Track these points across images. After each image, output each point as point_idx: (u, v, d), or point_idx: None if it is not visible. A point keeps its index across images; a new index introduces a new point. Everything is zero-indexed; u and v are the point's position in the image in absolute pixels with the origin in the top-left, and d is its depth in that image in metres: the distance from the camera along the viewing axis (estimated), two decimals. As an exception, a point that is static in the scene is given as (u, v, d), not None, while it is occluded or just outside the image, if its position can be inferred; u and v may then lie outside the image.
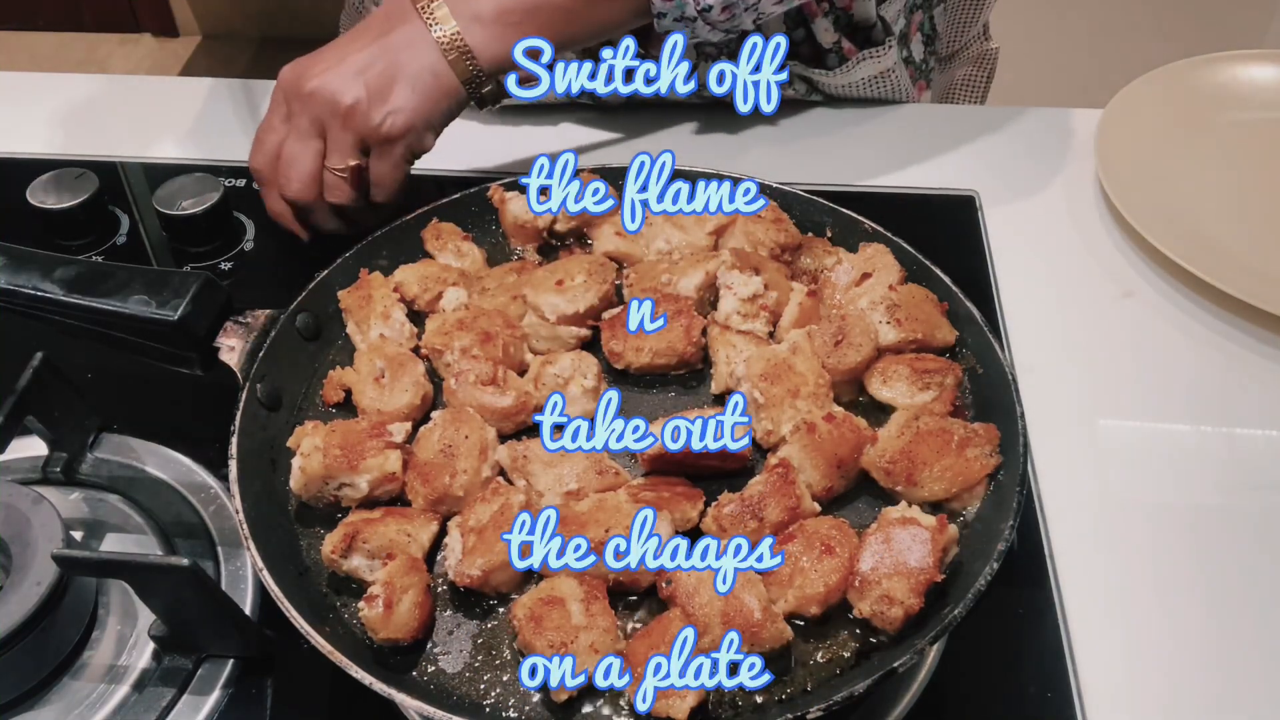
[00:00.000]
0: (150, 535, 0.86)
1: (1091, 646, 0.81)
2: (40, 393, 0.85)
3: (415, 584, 0.71)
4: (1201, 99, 1.24)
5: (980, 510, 0.76)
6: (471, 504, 0.76)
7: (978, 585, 0.68)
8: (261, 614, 0.81)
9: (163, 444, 0.92)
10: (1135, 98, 1.22)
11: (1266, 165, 1.19)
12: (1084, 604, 0.83)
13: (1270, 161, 1.19)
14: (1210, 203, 1.13)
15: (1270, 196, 1.16)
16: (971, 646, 0.80)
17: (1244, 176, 1.17)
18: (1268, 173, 1.18)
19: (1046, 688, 0.79)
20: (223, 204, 1.13)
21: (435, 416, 0.81)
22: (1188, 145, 1.19)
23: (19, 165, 1.22)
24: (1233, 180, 1.17)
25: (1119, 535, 0.88)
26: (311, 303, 0.90)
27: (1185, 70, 1.26)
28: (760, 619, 0.68)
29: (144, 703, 0.76)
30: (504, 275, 0.93)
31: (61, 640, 0.77)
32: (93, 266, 0.84)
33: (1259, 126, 1.22)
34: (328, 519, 0.79)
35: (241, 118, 1.32)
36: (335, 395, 0.87)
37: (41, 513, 0.77)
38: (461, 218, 0.99)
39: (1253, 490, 0.91)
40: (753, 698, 0.69)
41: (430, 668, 0.71)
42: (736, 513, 0.74)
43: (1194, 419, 0.97)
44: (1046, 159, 1.23)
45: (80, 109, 1.34)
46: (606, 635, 0.68)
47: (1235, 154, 1.19)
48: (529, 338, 0.88)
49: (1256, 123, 1.22)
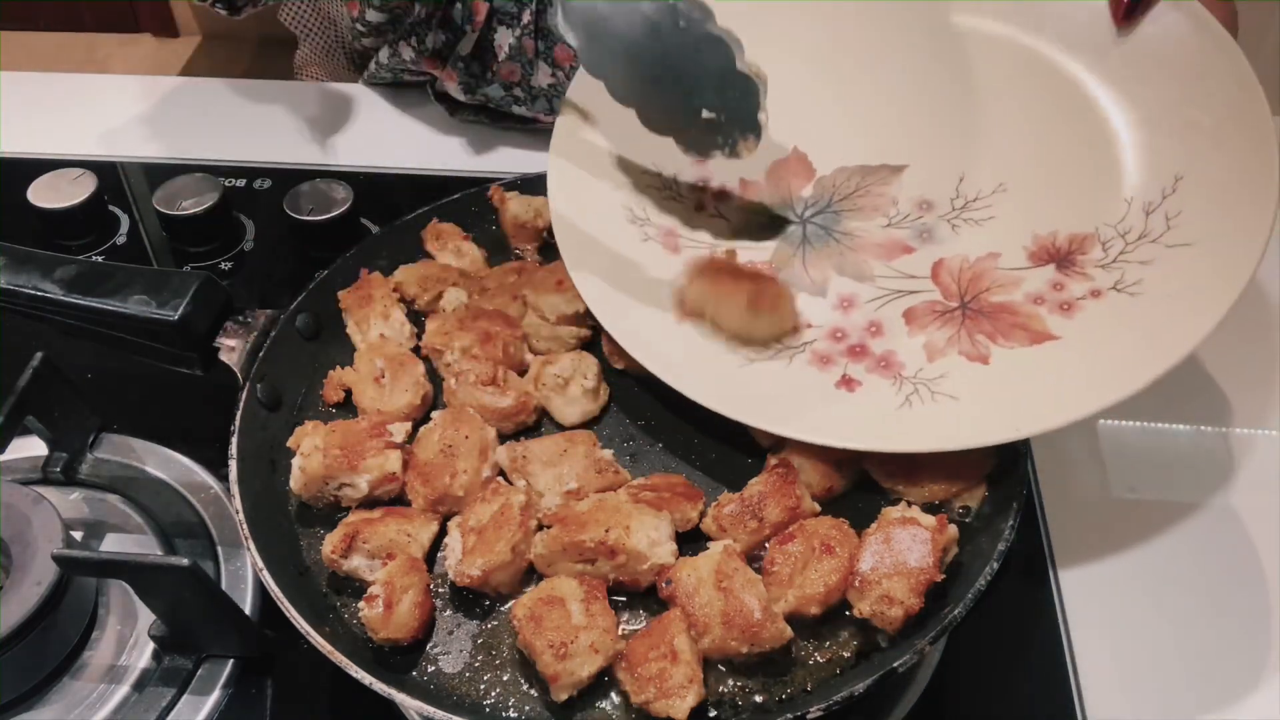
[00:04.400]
0: (150, 535, 0.86)
1: (1091, 646, 0.81)
2: (40, 393, 0.85)
3: (415, 584, 0.71)
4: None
5: (980, 510, 0.76)
6: (471, 504, 0.76)
7: (978, 585, 0.68)
8: (261, 614, 0.81)
9: (163, 444, 0.92)
10: None
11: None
12: (1084, 604, 0.83)
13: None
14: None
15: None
16: (971, 646, 0.80)
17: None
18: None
19: (1046, 688, 0.79)
20: (223, 204, 1.13)
21: (435, 416, 0.81)
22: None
23: (19, 165, 1.22)
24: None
25: (1119, 535, 0.88)
26: (311, 303, 0.90)
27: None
28: (760, 619, 0.68)
29: (144, 703, 0.76)
30: (504, 275, 0.93)
31: (61, 640, 0.77)
32: (93, 266, 0.84)
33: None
34: (328, 519, 0.79)
35: (241, 118, 1.32)
36: (335, 395, 0.87)
37: (41, 513, 0.77)
38: (461, 218, 0.99)
39: (1253, 490, 0.91)
40: (752, 697, 0.68)
41: (430, 668, 0.71)
42: (736, 513, 0.74)
43: (1194, 419, 0.97)
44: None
45: (80, 109, 1.34)
46: (606, 635, 0.68)
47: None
48: (529, 338, 0.88)
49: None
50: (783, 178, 0.91)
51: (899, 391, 0.76)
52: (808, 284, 0.85)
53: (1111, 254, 0.78)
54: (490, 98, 1.23)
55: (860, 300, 0.83)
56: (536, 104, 1.21)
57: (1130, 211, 0.79)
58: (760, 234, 0.89)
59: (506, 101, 1.23)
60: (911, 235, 0.86)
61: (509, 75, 1.19)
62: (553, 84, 1.19)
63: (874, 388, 0.77)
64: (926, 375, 0.77)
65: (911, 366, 0.78)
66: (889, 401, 0.76)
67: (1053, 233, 0.81)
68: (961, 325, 0.79)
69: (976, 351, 0.77)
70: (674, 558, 0.72)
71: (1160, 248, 0.77)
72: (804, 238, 0.88)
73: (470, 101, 1.23)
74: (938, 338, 0.79)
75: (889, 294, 0.83)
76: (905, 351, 0.79)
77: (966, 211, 0.85)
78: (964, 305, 0.80)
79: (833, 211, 0.88)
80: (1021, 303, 0.79)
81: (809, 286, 0.85)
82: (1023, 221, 0.83)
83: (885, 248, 0.85)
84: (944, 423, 0.73)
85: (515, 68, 1.18)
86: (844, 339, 0.81)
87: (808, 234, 0.88)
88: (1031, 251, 0.81)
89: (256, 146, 1.26)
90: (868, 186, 0.89)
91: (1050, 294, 0.78)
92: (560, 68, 1.18)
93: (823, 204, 0.89)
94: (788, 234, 0.88)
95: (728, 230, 0.89)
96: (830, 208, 0.89)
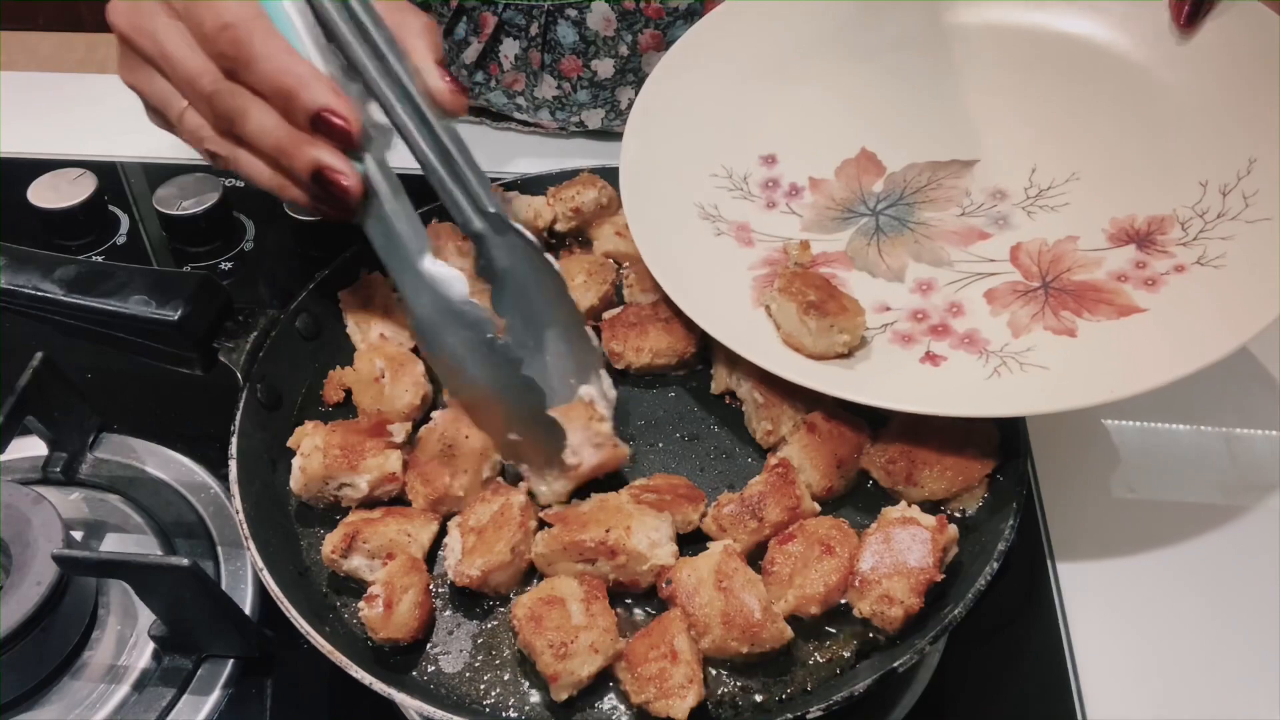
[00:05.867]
0: (150, 535, 0.85)
1: (1091, 646, 0.81)
2: (40, 393, 0.85)
3: (415, 584, 0.71)
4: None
5: (980, 510, 0.76)
6: (471, 504, 0.76)
7: (978, 585, 0.68)
8: (261, 614, 0.81)
9: (163, 444, 0.92)
10: None
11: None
12: (1084, 604, 0.83)
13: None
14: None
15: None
16: (971, 646, 0.80)
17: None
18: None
19: (1046, 688, 0.78)
20: (223, 204, 1.13)
21: (435, 416, 0.81)
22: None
23: (19, 165, 1.22)
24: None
25: (1119, 535, 0.88)
26: (311, 303, 0.90)
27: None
28: (760, 619, 0.68)
29: (144, 703, 0.76)
30: (504, 275, 0.93)
31: (61, 640, 0.77)
32: (93, 266, 0.84)
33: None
34: (328, 519, 0.79)
35: (241, 118, 1.32)
36: (335, 395, 0.87)
37: (41, 513, 0.77)
38: (462, 218, 0.99)
39: (1253, 490, 0.91)
40: (752, 697, 0.68)
41: (430, 668, 0.71)
42: (736, 513, 0.74)
43: (1194, 419, 0.97)
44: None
45: (80, 109, 1.34)
46: (606, 635, 0.68)
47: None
48: (529, 338, 0.88)
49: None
50: (853, 175, 0.92)
51: (986, 364, 0.77)
52: (884, 270, 0.86)
53: (1192, 232, 0.80)
54: (492, 103, 1.23)
55: (939, 284, 0.84)
56: (539, 112, 1.21)
57: (1207, 193, 0.81)
58: (833, 228, 0.90)
59: (509, 108, 1.23)
60: (987, 222, 0.87)
61: (512, 84, 1.19)
62: (557, 95, 1.19)
63: (960, 362, 0.78)
64: (1013, 349, 0.77)
65: (997, 342, 0.78)
66: (977, 373, 0.76)
67: (1130, 216, 0.83)
68: (1045, 303, 0.80)
69: (1062, 326, 0.78)
70: (674, 559, 0.72)
71: (1240, 224, 0.78)
72: (877, 228, 0.89)
73: (471, 105, 1.23)
74: (1021, 315, 0.80)
75: (968, 276, 0.84)
76: (989, 329, 0.80)
77: (1041, 199, 0.87)
78: (1046, 285, 0.81)
79: (905, 203, 0.90)
80: (1105, 280, 0.80)
81: (885, 273, 0.86)
82: (1099, 206, 0.84)
83: (961, 235, 0.87)
84: (1036, 389, 0.74)
85: (520, 77, 1.18)
86: (925, 319, 0.82)
87: (881, 224, 0.89)
88: (1110, 234, 0.83)
89: (256, 146, 1.26)
90: (939, 180, 0.90)
91: (1134, 271, 0.79)
92: (566, 79, 1.18)
93: (894, 197, 0.90)
94: (861, 225, 0.89)
95: (799, 225, 0.91)
96: (903, 200, 0.90)
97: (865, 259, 0.87)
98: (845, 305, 0.78)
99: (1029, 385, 0.74)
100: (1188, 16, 0.85)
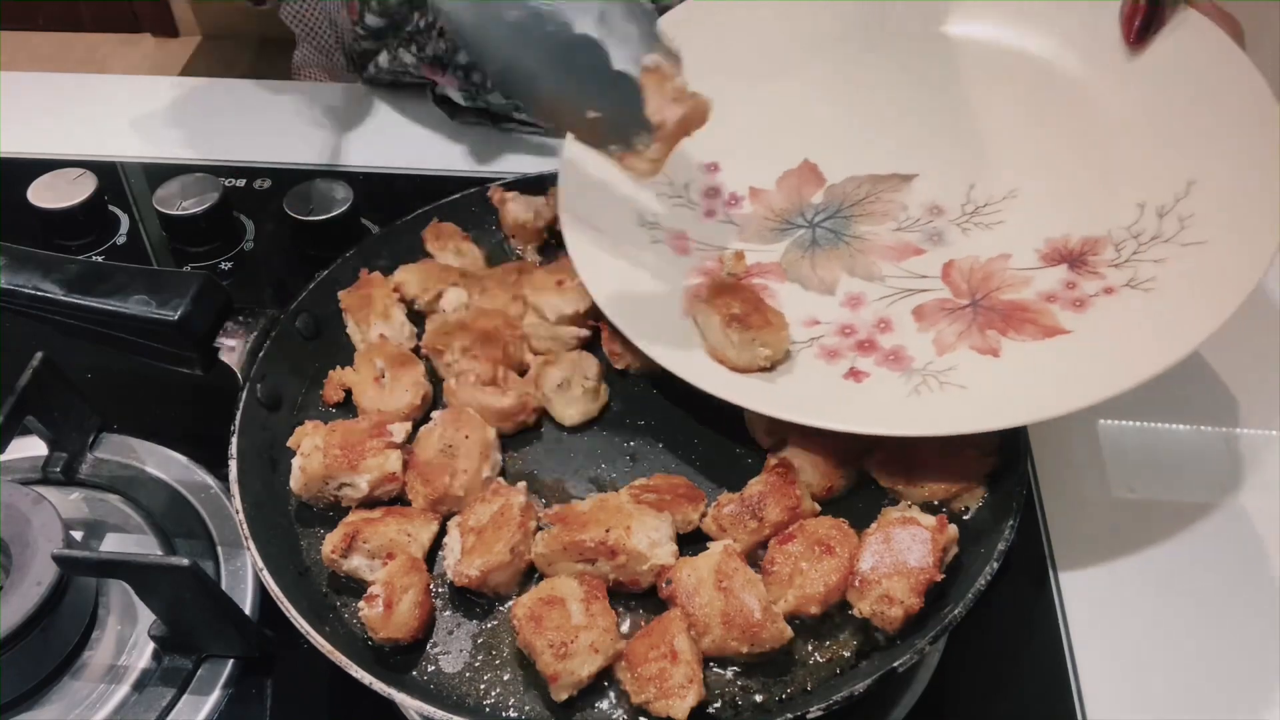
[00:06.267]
0: (150, 535, 0.86)
1: (1091, 646, 0.81)
2: (40, 393, 0.85)
3: (415, 584, 0.71)
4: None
5: (980, 510, 0.76)
6: (471, 504, 0.76)
7: (978, 585, 0.68)
8: (261, 614, 0.81)
9: (163, 444, 0.92)
10: None
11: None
12: (1084, 604, 0.83)
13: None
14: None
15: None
16: (971, 646, 0.80)
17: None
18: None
19: (1046, 688, 0.78)
20: (223, 204, 1.13)
21: (435, 416, 0.81)
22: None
23: (19, 165, 1.22)
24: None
25: (1119, 535, 0.88)
26: (311, 303, 0.90)
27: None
28: (760, 619, 0.68)
29: (144, 703, 0.76)
30: (504, 275, 0.93)
31: (61, 640, 0.77)
32: (93, 266, 0.84)
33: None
34: (328, 519, 0.79)
35: (241, 118, 1.32)
36: (335, 395, 0.87)
37: (41, 513, 0.77)
38: (461, 218, 0.99)
39: (1254, 490, 0.91)
40: (752, 697, 0.68)
41: (430, 667, 0.71)
42: (736, 513, 0.74)
43: (1195, 419, 0.97)
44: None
45: (80, 109, 1.34)
46: (606, 635, 0.68)
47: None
48: (529, 338, 0.88)
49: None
50: (793, 186, 0.92)
51: (907, 382, 0.76)
52: (816, 284, 0.85)
53: (1125, 254, 0.79)
54: (491, 104, 1.23)
55: (869, 299, 0.83)
56: None
57: (1144, 215, 0.80)
58: (770, 239, 0.89)
59: (507, 107, 1.22)
60: (922, 238, 0.86)
61: None
62: None
63: (882, 379, 0.77)
64: (936, 368, 0.77)
65: (921, 360, 0.78)
66: (897, 391, 0.76)
67: (1065, 235, 0.82)
68: (972, 321, 0.79)
69: (986, 345, 0.77)
70: (674, 559, 0.72)
71: (1174, 246, 0.77)
72: (813, 240, 0.88)
73: (471, 106, 1.23)
74: (948, 333, 0.79)
75: (898, 292, 0.83)
76: (914, 346, 0.79)
77: (977, 216, 0.85)
78: (975, 303, 0.80)
79: (843, 216, 0.89)
80: (1033, 300, 0.79)
81: (817, 286, 0.85)
82: (1034, 226, 0.83)
83: (895, 250, 0.86)
84: (951, 410, 0.73)
85: None
86: (852, 334, 0.81)
87: (817, 237, 0.88)
88: (1043, 253, 0.81)
89: (256, 146, 1.26)
90: (878, 194, 0.89)
91: (1063, 292, 0.78)
92: None
93: (833, 209, 0.89)
94: (797, 237, 0.89)
95: (737, 235, 0.90)
96: (840, 213, 0.89)
97: (798, 271, 0.86)
98: (769, 319, 0.78)
99: (945, 405, 0.74)
100: (1138, 34, 0.83)
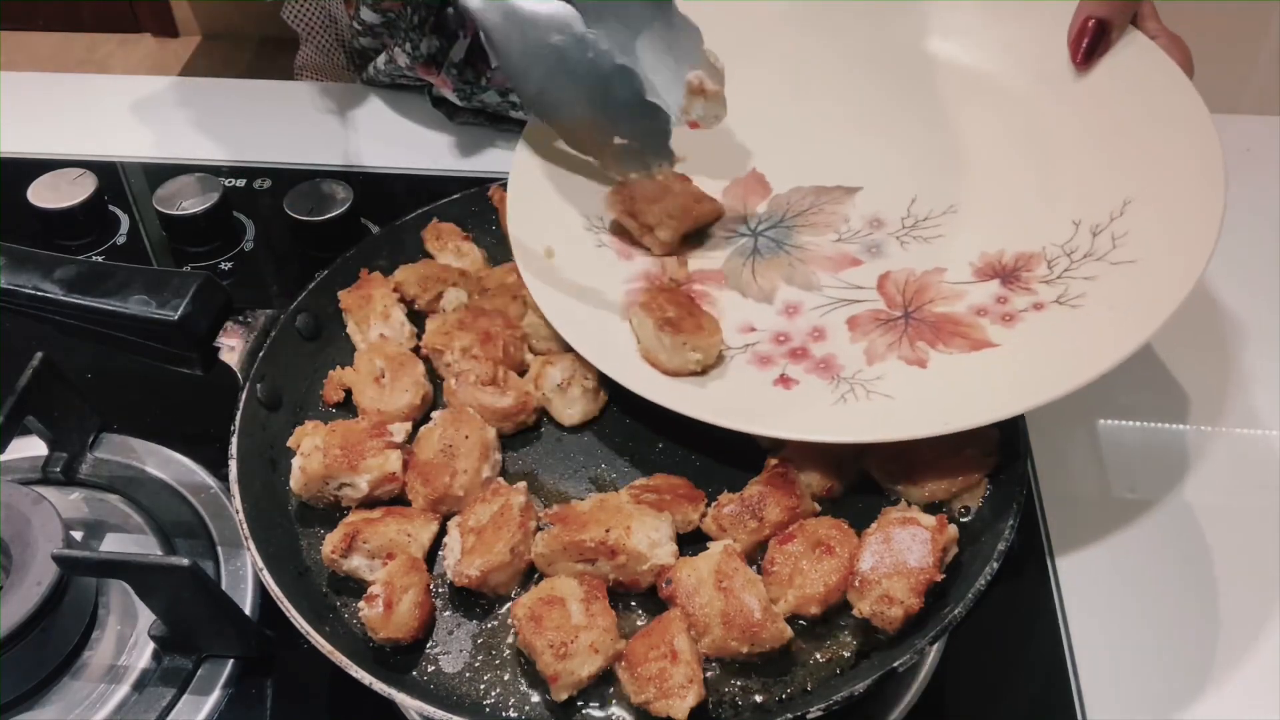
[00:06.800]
0: (150, 535, 0.86)
1: (1091, 646, 0.81)
2: (40, 393, 0.85)
3: (415, 584, 0.71)
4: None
5: (980, 510, 0.76)
6: (471, 504, 0.76)
7: (978, 585, 0.68)
8: (261, 614, 0.81)
9: (163, 444, 0.92)
10: None
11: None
12: (1084, 604, 0.83)
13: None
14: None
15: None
16: (971, 646, 0.80)
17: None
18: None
19: (1046, 688, 0.79)
20: (223, 204, 1.13)
21: (435, 416, 0.81)
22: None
23: (19, 165, 1.22)
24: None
25: (1119, 535, 0.88)
26: (311, 303, 0.90)
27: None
28: (760, 619, 0.68)
29: (144, 703, 0.76)
30: (504, 275, 0.93)
31: (61, 640, 0.77)
32: (93, 266, 0.84)
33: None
34: (328, 519, 0.79)
35: (241, 118, 1.32)
36: (335, 395, 0.87)
37: (41, 513, 0.77)
38: (461, 218, 0.99)
39: (1253, 490, 0.91)
40: (752, 697, 0.69)
41: (430, 667, 0.71)
42: (736, 513, 0.74)
43: (1194, 419, 0.97)
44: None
45: (80, 109, 1.34)
46: (606, 635, 0.68)
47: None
48: (529, 338, 0.88)
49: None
50: (739, 195, 0.93)
51: (835, 390, 0.77)
52: (755, 291, 0.86)
53: (1057, 270, 0.79)
54: (487, 104, 1.23)
55: (805, 308, 0.84)
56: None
57: (1079, 232, 0.81)
58: (713, 245, 0.90)
59: (504, 107, 1.22)
60: (860, 250, 0.87)
61: (503, 81, 1.19)
62: None
63: (810, 386, 0.78)
64: (864, 377, 0.77)
65: (850, 368, 0.78)
66: (824, 399, 0.77)
67: (1000, 251, 0.82)
68: (904, 333, 0.80)
69: (915, 356, 0.78)
70: (674, 559, 0.72)
71: (1105, 265, 0.78)
72: (755, 249, 0.89)
73: (467, 107, 1.23)
74: (879, 343, 0.79)
75: (834, 302, 0.84)
76: (845, 355, 0.80)
77: (916, 230, 0.86)
78: (907, 315, 0.81)
79: (785, 226, 0.90)
80: (964, 314, 0.80)
81: (756, 294, 0.86)
82: (971, 240, 0.84)
83: (834, 260, 0.86)
84: (875, 417, 0.74)
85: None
86: (786, 342, 0.81)
87: (759, 246, 0.89)
88: (978, 268, 0.82)
89: (256, 146, 1.27)
90: (821, 205, 0.90)
91: (994, 306, 0.79)
92: None
93: (776, 219, 0.90)
94: (740, 245, 0.89)
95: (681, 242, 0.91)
96: (784, 223, 0.90)
97: (739, 279, 0.87)
98: (702, 324, 0.79)
99: (870, 413, 0.74)
100: (1084, 54, 0.85)
